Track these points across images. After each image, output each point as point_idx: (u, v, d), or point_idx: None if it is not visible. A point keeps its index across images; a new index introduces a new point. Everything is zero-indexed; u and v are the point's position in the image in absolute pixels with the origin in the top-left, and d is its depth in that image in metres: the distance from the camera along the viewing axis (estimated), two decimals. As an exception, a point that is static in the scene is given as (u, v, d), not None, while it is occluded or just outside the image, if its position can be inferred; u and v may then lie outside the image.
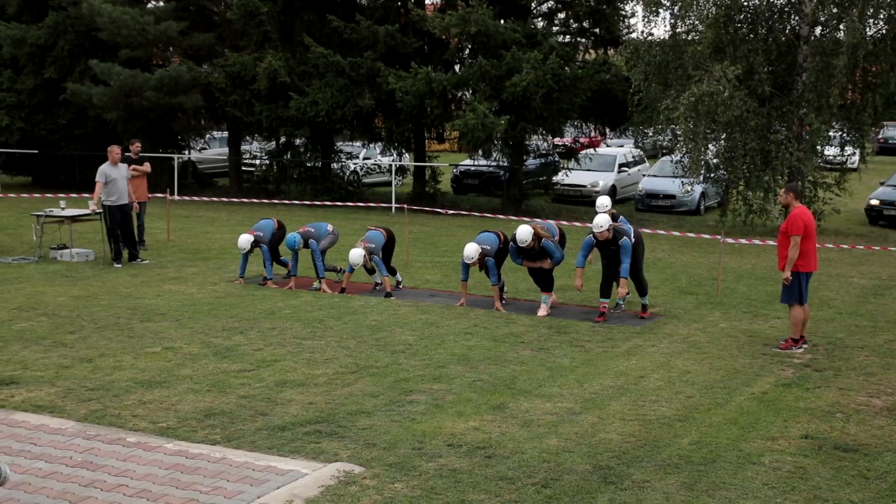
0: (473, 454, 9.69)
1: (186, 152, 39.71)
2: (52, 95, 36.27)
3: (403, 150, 38.59)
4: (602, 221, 16.37)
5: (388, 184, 36.58)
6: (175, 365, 13.00)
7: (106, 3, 33.32)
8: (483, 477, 9.07)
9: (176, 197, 30.29)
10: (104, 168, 20.77)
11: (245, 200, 31.49)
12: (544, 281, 17.33)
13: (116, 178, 20.71)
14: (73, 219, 22.02)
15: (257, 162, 40.61)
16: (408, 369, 12.89)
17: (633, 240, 16.70)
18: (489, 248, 17.39)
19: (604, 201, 17.65)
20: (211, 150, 43.07)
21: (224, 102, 33.89)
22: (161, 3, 36.97)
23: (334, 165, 37.59)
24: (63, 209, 22.20)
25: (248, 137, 40.36)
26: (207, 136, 42.49)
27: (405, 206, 26.77)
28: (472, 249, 17.19)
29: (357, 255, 17.99)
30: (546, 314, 16.82)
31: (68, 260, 21.01)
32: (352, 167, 40.23)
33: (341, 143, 40.51)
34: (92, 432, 10.47)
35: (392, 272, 19.06)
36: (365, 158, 41.90)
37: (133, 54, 34.14)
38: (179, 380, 12.28)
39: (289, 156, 37.82)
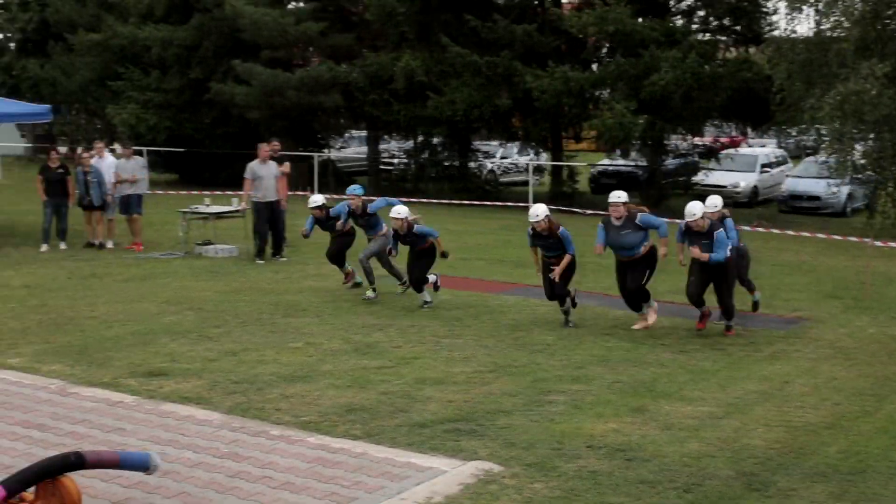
0: (613, 456, 9.57)
1: (326, 151, 40.12)
2: (197, 95, 36.97)
3: (540, 150, 38.53)
4: (696, 209, 14.57)
5: (526, 183, 36.52)
6: (316, 360, 13.17)
7: (248, 5, 33.90)
8: (623, 480, 8.96)
9: (315, 193, 30.65)
10: (252, 165, 21.19)
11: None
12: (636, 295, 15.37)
13: (264, 175, 21.06)
14: (218, 216, 22.50)
15: (395, 160, 40.89)
16: (546, 369, 12.83)
17: (732, 242, 14.98)
18: None
19: (714, 201, 15.91)
20: (350, 149, 43.46)
21: (363, 102, 34.18)
22: (301, 4, 37.46)
23: (471, 164, 37.69)
24: (208, 206, 22.68)
25: (386, 136, 40.62)
26: (346, 134, 42.90)
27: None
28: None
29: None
30: (641, 327, 15.26)
31: (213, 256, 21.44)
32: (489, 166, 40.26)
33: (478, 141, 40.58)
34: (237, 424, 10.67)
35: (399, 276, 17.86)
36: (502, 157, 41.89)
37: (274, 55, 34.70)
38: (321, 375, 12.44)
39: (426, 154, 38.02)
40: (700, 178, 36.15)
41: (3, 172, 41.20)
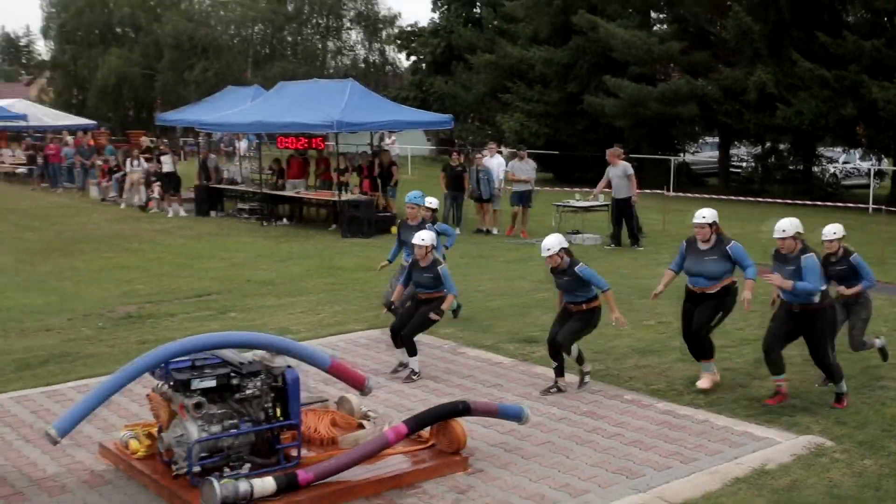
0: (944, 441, 8.95)
1: (681, 155, 39.63)
2: (571, 106, 37.43)
3: (882, 156, 36.49)
4: (785, 225, 10.04)
5: (866, 186, 34.62)
6: (666, 337, 13.04)
7: (619, 28, 33.98)
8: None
9: (671, 193, 30.30)
10: (608, 169, 21.36)
11: (732, 198, 30.91)
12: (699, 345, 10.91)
13: (613, 176, 21.13)
14: (586, 209, 22.72)
15: (744, 164, 39.87)
16: (878, 357, 12.13)
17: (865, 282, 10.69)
18: None
19: (833, 229, 10.73)
20: (703, 154, 42.74)
21: (716, 112, 33.51)
22: (665, 27, 37.14)
23: (815, 168, 36.21)
24: (577, 201, 23.01)
25: (736, 143, 39.64)
26: (700, 140, 42.23)
27: (883, 207, 25.21)
28: None
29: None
30: (708, 386, 10.67)
31: (580, 243, 21.57)
32: (831, 170, 38.54)
33: (822, 148, 38.92)
34: (595, 388, 10.76)
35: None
36: (844, 162, 40.00)
37: (640, 71, 34.58)
38: (670, 350, 12.32)
39: (772, 159, 36.85)
40: None
41: (412, 169, 43.01)
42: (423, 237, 11.12)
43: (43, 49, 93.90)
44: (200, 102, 38.13)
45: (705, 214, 10.89)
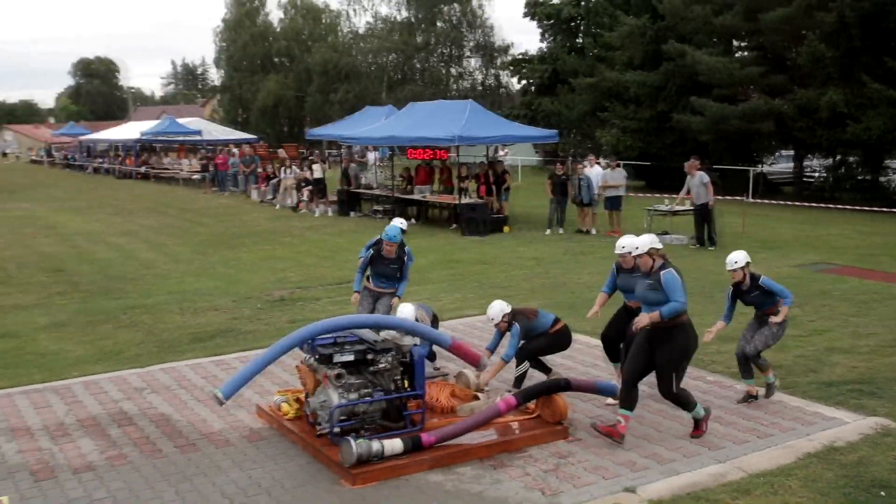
0: None
1: (759, 165, 38.66)
2: (661, 123, 36.91)
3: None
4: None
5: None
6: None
7: (704, 55, 33.37)
8: None
9: (750, 199, 29.59)
10: (687, 180, 20.98)
11: (805, 204, 30.04)
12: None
13: (691, 185, 20.70)
14: (674, 213, 22.32)
15: (816, 174, 38.73)
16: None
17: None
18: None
19: (735, 258, 9.46)
20: (779, 165, 41.62)
21: (792, 128, 32.60)
22: (746, 54, 36.33)
23: (882, 178, 34.93)
24: (666, 206, 22.64)
25: (809, 155, 38.48)
26: (777, 153, 41.16)
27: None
28: None
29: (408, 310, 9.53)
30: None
31: (668, 243, 21.14)
32: (898, 179, 37.17)
33: (889, 160, 37.50)
34: (682, 370, 10.57)
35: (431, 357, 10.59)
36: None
37: (722, 92, 33.89)
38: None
39: (842, 170, 35.68)
40: None
41: (521, 177, 42.88)
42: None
43: (215, 76, 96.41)
44: (343, 120, 38.62)
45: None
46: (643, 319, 8.19)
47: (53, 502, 7.41)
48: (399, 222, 11.15)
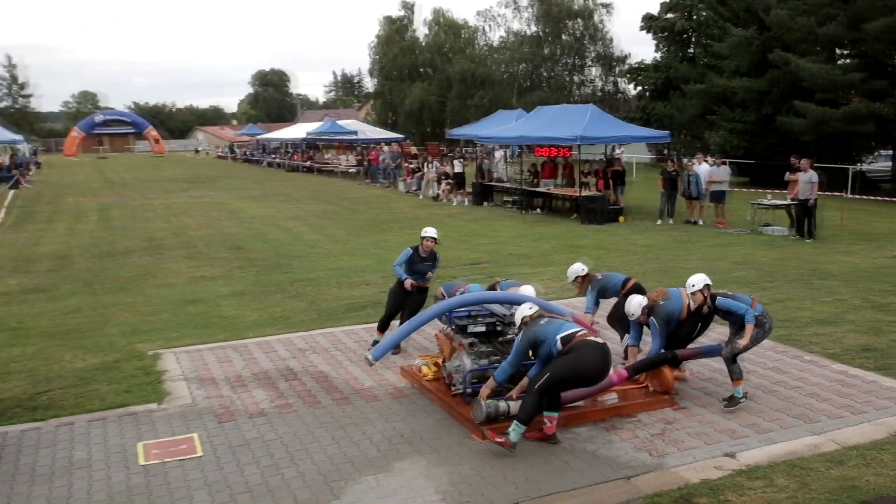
0: None
1: (858, 164, 36.76)
2: (765, 125, 35.56)
3: None
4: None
5: None
6: (842, 311, 12.11)
7: (808, 63, 31.88)
8: None
9: (849, 195, 28.20)
10: (798, 175, 20.00)
11: (900, 200, 28.53)
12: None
13: (801, 181, 19.77)
14: (776, 206, 21.44)
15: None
16: None
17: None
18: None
19: (692, 281, 8.43)
20: (878, 164, 39.50)
21: (891, 129, 30.92)
22: (847, 61, 34.55)
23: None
24: (769, 199, 21.80)
25: (906, 154, 36.47)
26: (875, 153, 39.06)
27: None
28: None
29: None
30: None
31: (770, 234, 20.47)
32: None
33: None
34: (780, 349, 10.17)
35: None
36: None
37: (824, 96, 32.30)
38: (845, 322, 11.44)
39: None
40: None
41: (636, 173, 42.03)
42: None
43: (369, 84, 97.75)
44: (478, 122, 38.64)
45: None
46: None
47: (233, 440, 7.71)
48: (433, 230, 11.02)
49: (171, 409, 8.54)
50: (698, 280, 8.37)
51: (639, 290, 9.57)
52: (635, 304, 8.77)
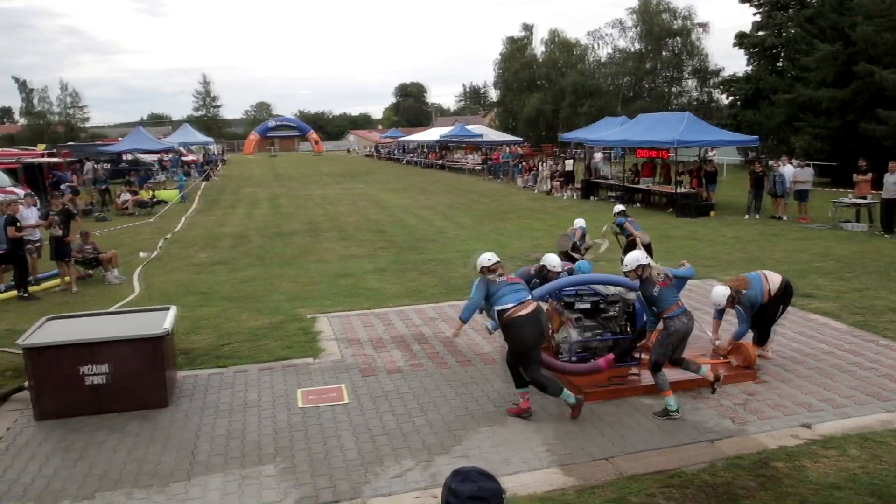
0: None
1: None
2: (848, 131, 33.31)
3: None
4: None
5: None
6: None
7: (891, 74, 29.71)
8: None
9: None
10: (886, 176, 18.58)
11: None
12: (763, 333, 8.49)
13: (887, 182, 18.43)
14: (856, 205, 20.11)
15: None
16: None
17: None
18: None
19: (628, 260, 7.32)
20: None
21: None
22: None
23: None
24: (850, 198, 20.53)
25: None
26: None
27: None
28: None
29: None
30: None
31: (849, 230, 19.18)
32: None
33: None
34: (857, 333, 9.57)
35: None
36: None
37: (906, 105, 30.11)
38: (919, 310, 10.68)
39: None
40: None
41: (726, 173, 40.33)
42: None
43: (493, 94, 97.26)
44: (587, 127, 37.92)
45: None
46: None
47: (374, 392, 7.89)
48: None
49: (324, 364, 8.82)
50: (631, 259, 7.16)
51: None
52: (720, 294, 8.19)
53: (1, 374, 8.61)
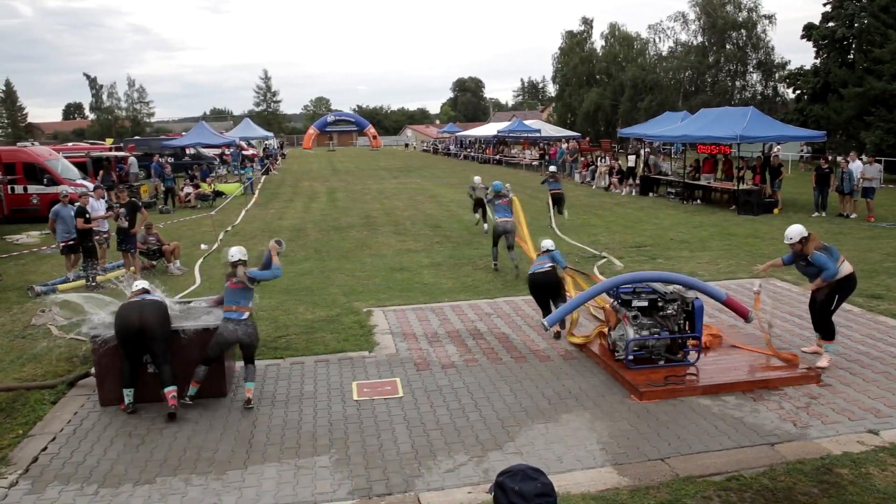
0: None
1: None
2: (923, 126, 32.09)
3: None
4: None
5: None
6: None
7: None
8: None
9: None
10: None
11: None
12: (823, 325, 8.27)
13: None
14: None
15: None
16: None
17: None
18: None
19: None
20: None
21: None
22: None
23: None
24: None
25: None
26: None
27: None
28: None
29: None
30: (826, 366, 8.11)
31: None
32: None
33: None
34: (929, 337, 9.19)
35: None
36: None
37: None
38: None
39: None
40: None
41: (791, 170, 39.23)
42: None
43: (551, 89, 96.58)
44: (647, 122, 37.31)
45: (790, 234, 8.18)
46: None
47: (428, 386, 7.92)
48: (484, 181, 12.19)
49: (379, 357, 8.89)
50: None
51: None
52: (796, 231, 8.11)
53: (69, 360, 8.93)
